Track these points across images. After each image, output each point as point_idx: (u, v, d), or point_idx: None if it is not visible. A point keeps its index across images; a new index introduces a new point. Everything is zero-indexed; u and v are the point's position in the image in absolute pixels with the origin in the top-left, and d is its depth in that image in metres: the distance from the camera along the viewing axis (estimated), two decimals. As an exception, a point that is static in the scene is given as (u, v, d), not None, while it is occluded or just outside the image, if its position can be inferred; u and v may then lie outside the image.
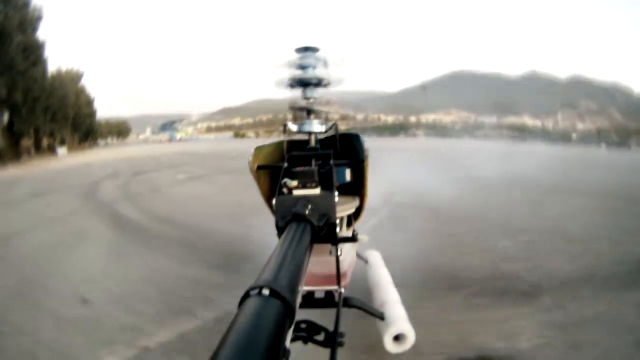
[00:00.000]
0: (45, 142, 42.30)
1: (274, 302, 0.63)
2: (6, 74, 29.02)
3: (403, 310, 1.55)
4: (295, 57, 1.66)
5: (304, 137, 1.76)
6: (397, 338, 1.46)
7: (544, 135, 39.53)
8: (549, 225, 6.29)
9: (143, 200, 9.91)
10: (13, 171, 22.38)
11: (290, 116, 1.75)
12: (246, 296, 0.66)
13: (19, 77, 30.27)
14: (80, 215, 8.41)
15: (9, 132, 31.21)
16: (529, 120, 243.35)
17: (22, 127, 32.72)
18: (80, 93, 58.36)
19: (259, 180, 1.71)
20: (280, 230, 1.21)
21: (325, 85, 1.72)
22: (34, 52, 32.83)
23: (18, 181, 17.00)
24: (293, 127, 1.67)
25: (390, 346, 1.46)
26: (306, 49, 1.63)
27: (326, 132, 1.73)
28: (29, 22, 32.53)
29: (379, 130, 53.04)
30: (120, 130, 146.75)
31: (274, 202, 1.29)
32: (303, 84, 1.68)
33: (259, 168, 1.69)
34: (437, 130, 45.01)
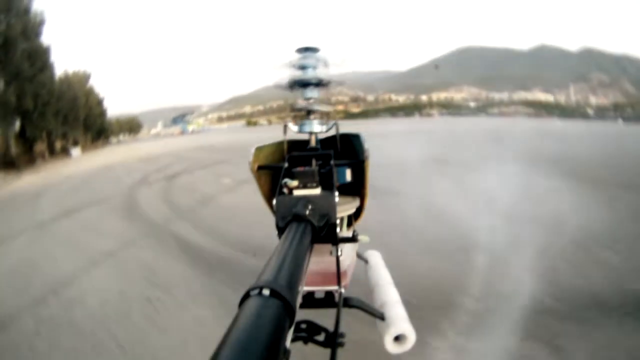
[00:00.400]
0: (58, 144, 42.06)
1: (274, 302, 0.64)
2: (14, 81, 28.62)
3: (403, 310, 1.48)
4: (295, 57, 1.61)
5: (304, 137, 1.72)
6: (397, 338, 1.40)
7: (560, 111, 38.54)
8: None
9: (203, 217, 8.37)
10: (30, 179, 21.66)
11: (290, 116, 1.70)
12: (246, 296, 0.66)
13: (27, 84, 29.94)
14: (141, 247, 6.66)
15: (22, 138, 30.94)
16: (540, 95, 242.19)
17: (34, 132, 32.42)
18: (89, 94, 58.16)
19: (259, 180, 1.67)
20: (280, 230, 1.18)
21: (326, 85, 1.66)
22: (39, 58, 32.42)
23: (39, 192, 15.44)
24: (293, 127, 1.64)
25: (391, 346, 1.39)
26: (306, 49, 1.59)
27: (326, 131, 1.69)
28: (32, 28, 32.13)
29: (392, 110, 52.43)
30: (131, 126, 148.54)
31: (274, 202, 1.26)
32: (303, 84, 1.62)
33: (259, 168, 1.65)
34: (451, 109, 44.36)
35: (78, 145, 47.98)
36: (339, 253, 1.32)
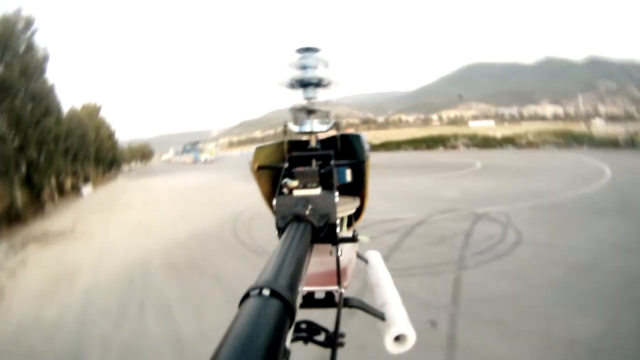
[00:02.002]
0: (67, 182, 40.98)
1: (274, 302, 0.64)
2: (15, 130, 27.12)
3: (403, 310, 1.35)
4: (296, 57, 1.50)
5: (305, 137, 1.61)
6: (398, 338, 1.27)
7: (588, 139, 36.89)
8: None
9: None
10: (38, 230, 20.62)
11: (290, 116, 1.59)
12: (246, 296, 0.66)
13: (30, 130, 28.33)
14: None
15: (28, 186, 29.39)
16: (548, 107, 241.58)
17: (41, 180, 30.75)
18: (100, 126, 58.02)
19: (259, 180, 1.58)
20: (281, 231, 1.14)
21: (326, 85, 1.55)
22: (43, 99, 30.71)
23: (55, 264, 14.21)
24: (293, 127, 1.57)
25: (391, 346, 1.26)
26: (306, 49, 1.50)
27: (327, 132, 1.59)
28: (34, 67, 30.51)
29: (415, 143, 50.06)
30: (143, 153, 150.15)
31: (274, 202, 1.23)
32: (303, 84, 1.52)
33: (259, 168, 1.57)
34: (477, 141, 41.75)
35: (89, 182, 47.60)
36: (339, 253, 1.27)
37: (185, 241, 15.42)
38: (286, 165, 1.40)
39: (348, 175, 1.55)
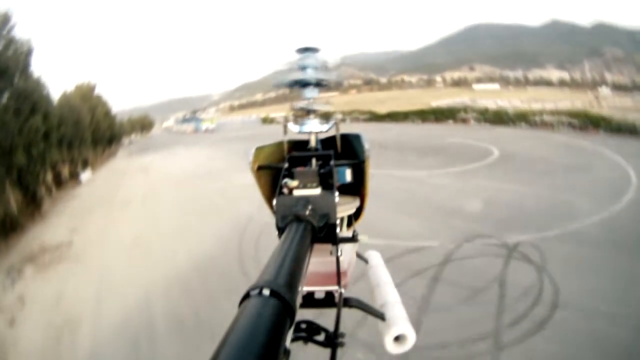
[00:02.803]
0: (65, 169, 39.88)
1: (274, 302, 0.66)
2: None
3: (403, 310, 1.41)
4: (295, 57, 1.54)
5: (305, 137, 1.66)
6: (398, 338, 1.32)
7: (605, 123, 33.98)
8: None
9: None
10: (35, 243, 19.81)
11: (290, 116, 1.66)
12: (246, 296, 0.68)
13: (16, 134, 26.52)
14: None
15: (22, 189, 27.91)
16: (554, 72, 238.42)
17: (35, 181, 29.14)
18: (96, 107, 56.68)
19: (259, 181, 1.62)
20: (281, 231, 1.19)
21: (325, 85, 1.60)
22: (28, 97, 28.83)
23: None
24: (293, 127, 1.60)
25: (391, 347, 1.33)
26: (306, 49, 1.53)
27: (327, 131, 1.63)
28: (14, 67, 28.59)
29: (423, 115, 47.96)
30: (143, 124, 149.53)
31: (274, 202, 1.28)
32: (303, 84, 1.56)
33: (259, 168, 1.60)
34: (488, 115, 39.59)
35: (88, 166, 46.54)
36: (339, 253, 1.30)
37: (186, 275, 14.22)
38: (286, 165, 1.42)
39: (348, 175, 1.56)
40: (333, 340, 1.10)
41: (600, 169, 23.26)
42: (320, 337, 1.15)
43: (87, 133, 46.98)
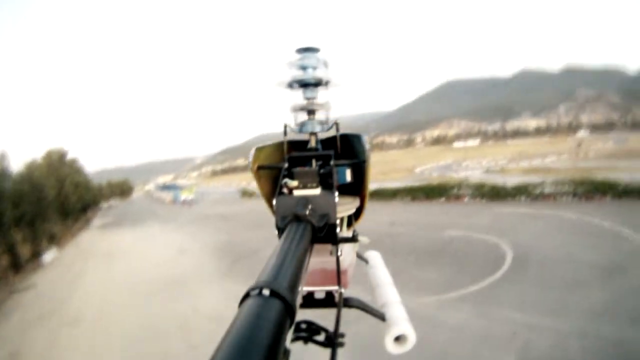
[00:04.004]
0: (26, 250, 36.81)
1: (274, 302, 0.66)
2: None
3: (404, 311, 1.35)
4: (295, 57, 1.45)
5: (305, 137, 1.60)
6: (398, 339, 1.27)
7: (610, 188, 31.04)
8: None
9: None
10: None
11: (291, 116, 1.56)
12: (246, 296, 0.68)
13: None
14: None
15: None
16: (531, 121, 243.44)
17: None
18: (65, 177, 54.52)
19: (259, 181, 1.56)
20: (280, 231, 1.15)
21: (326, 85, 1.49)
22: None
23: None
24: (293, 127, 1.54)
25: (391, 347, 1.28)
26: (306, 49, 1.45)
27: (327, 132, 1.57)
28: None
29: (412, 192, 45.00)
30: (122, 189, 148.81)
31: (274, 202, 1.25)
32: (303, 84, 1.47)
33: (259, 168, 1.55)
34: (484, 191, 36.75)
35: (55, 240, 43.62)
36: (339, 253, 1.27)
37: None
38: (286, 165, 1.40)
39: (348, 175, 1.54)
40: (333, 341, 1.07)
41: (636, 268, 18.46)
42: (321, 337, 1.12)
43: (53, 207, 45.01)
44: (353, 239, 1.35)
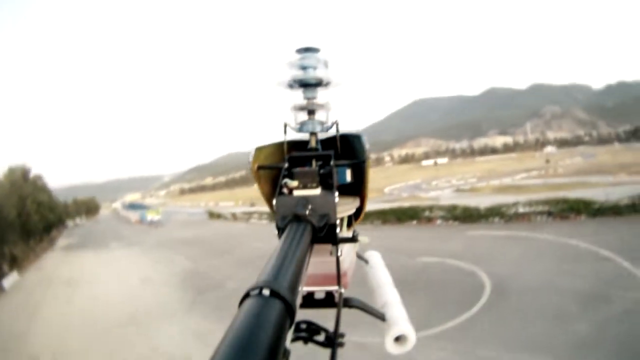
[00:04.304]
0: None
1: (274, 302, 0.66)
2: None
3: (404, 311, 1.33)
4: (296, 57, 1.42)
5: (305, 138, 1.53)
6: (398, 339, 1.25)
7: (585, 207, 29.83)
8: None
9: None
10: None
11: (291, 116, 1.52)
12: (246, 296, 0.68)
13: None
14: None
15: None
16: (498, 138, 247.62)
17: None
18: (27, 197, 52.74)
19: (259, 181, 1.55)
20: (280, 231, 1.13)
21: (326, 85, 1.44)
22: None
23: None
24: (293, 127, 1.49)
25: (391, 347, 1.26)
26: (306, 49, 1.41)
27: (327, 132, 1.50)
28: None
29: (383, 215, 44.23)
30: (88, 207, 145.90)
31: (274, 202, 1.23)
32: (303, 84, 1.43)
33: (259, 168, 1.53)
34: (456, 213, 35.55)
35: (16, 261, 42.08)
36: (339, 253, 1.26)
37: None
38: (286, 165, 1.37)
39: (348, 176, 1.46)
40: (333, 341, 1.08)
41: (620, 293, 17.28)
42: (321, 338, 1.12)
43: (15, 227, 43.68)
44: (353, 239, 1.32)
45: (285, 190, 1.18)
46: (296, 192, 1.17)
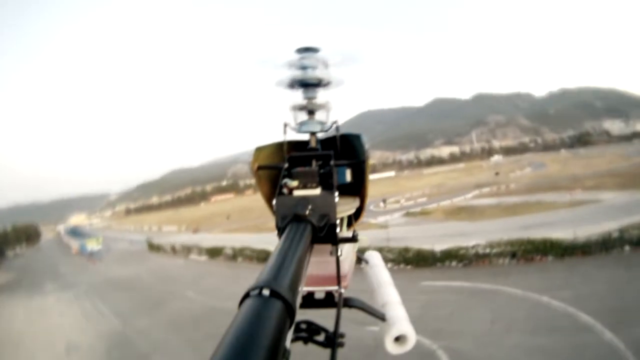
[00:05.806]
0: None
1: (274, 302, 0.67)
2: None
3: (404, 311, 1.46)
4: (295, 57, 1.55)
5: (305, 138, 1.67)
6: (398, 339, 1.37)
7: (551, 247, 25.94)
8: None
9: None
10: None
11: (291, 116, 1.65)
12: (246, 296, 0.69)
13: None
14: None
15: None
16: (444, 148, 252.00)
17: None
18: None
19: (259, 181, 1.65)
20: (280, 231, 1.19)
21: (326, 85, 1.59)
22: None
23: None
24: (293, 127, 1.62)
25: (391, 347, 1.39)
26: (306, 49, 1.54)
27: (327, 132, 1.64)
28: None
29: None
30: (28, 234, 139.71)
31: (274, 202, 1.30)
32: (303, 84, 1.57)
33: (259, 168, 1.63)
34: (409, 257, 31.05)
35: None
36: (339, 253, 1.33)
37: None
38: (286, 165, 1.42)
39: (348, 175, 1.55)
40: (333, 341, 1.12)
41: None
42: (321, 338, 1.16)
43: None
44: (353, 239, 1.37)
45: (285, 190, 1.22)
46: (296, 192, 1.21)
